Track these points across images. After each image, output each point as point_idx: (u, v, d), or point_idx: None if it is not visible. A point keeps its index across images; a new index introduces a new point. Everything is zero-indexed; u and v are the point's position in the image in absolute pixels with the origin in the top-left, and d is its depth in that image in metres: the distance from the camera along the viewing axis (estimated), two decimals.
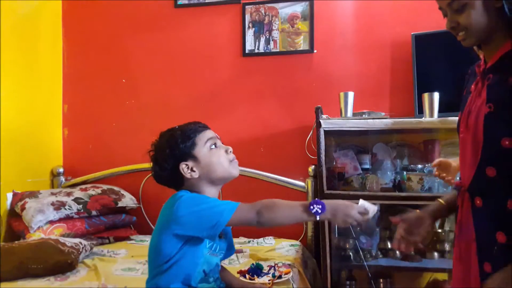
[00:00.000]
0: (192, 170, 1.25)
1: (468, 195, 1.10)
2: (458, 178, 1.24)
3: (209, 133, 1.29)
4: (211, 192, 1.29)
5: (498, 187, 1.02)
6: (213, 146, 1.28)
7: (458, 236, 1.16)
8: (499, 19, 1.05)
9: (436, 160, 1.49)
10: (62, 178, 2.74)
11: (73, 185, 2.69)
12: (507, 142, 0.99)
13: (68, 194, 2.39)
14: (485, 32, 1.07)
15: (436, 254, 2.18)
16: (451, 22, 1.10)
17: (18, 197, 2.34)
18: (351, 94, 2.21)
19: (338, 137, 2.35)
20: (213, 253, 1.28)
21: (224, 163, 1.27)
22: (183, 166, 1.24)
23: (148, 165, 2.73)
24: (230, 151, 1.30)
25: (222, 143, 1.32)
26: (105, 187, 2.57)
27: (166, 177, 1.28)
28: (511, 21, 1.03)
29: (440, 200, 1.28)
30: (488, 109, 1.02)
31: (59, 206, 2.26)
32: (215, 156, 1.26)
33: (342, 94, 2.22)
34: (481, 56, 1.54)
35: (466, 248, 1.11)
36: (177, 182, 1.28)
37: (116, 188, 2.59)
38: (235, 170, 1.30)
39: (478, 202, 1.07)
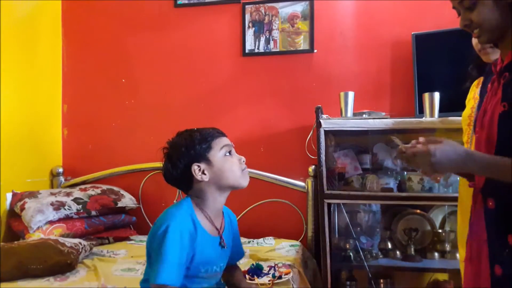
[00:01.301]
0: (203, 172, 1.25)
1: (481, 196, 1.09)
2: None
3: (225, 140, 1.30)
4: (218, 198, 1.29)
5: (511, 189, 1.00)
6: (228, 154, 1.29)
7: (469, 236, 1.15)
8: None
9: None
10: (62, 178, 2.74)
11: (73, 185, 2.68)
12: None
13: (68, 194, 2.39)
14: (499, 29, 1.05)
15: (436, 254, 2.18)
16: (464, 20, 1.09)
17: (17, 197, 2.34)
18: (351, 94, 2.21)
19: (338, 137, 2.35)
20: (211, 274, 1.27)
21: (236, 172, 1.27)
22: (195, 167, 1.24)
23: (147, 165, 2.75)
24: (243, 161, 1.31)
25: (236, 152, 1.33)
26: (104, 187, 2.56)
27: (176, 176, 1.27)
28: None
29: None
30: (502, 108, 1.01)
31: (58, 206, 2.25)
32: (228, 163, 1.27)
33: (342, 94, 2.21)
34: (483, 57, 1.54)
35: (477, 249, 1.09)
36: (186, 183, 1.28)
37: (115, 188, 2.58)
38: (245, 180, 1.30)
39: (490, 203, 1.05)
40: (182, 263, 1.17)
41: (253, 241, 2.36)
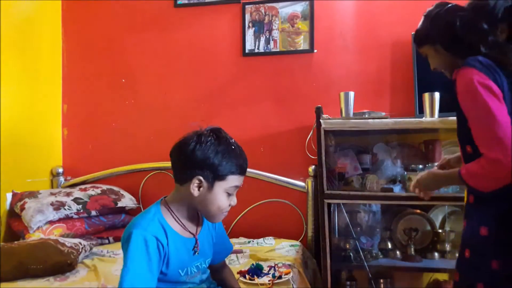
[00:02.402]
0: (198, 188, 1.18)
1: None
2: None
3: (240, 181, 1.22)
4: (192, 211, 1.25)
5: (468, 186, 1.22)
6: (230, 194, 1.21)
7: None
8: (454, 56, 1.28)
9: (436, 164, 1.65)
10: (62, 178, 2.74)
11: (73, 185, 2.68)
12: (468, 149, 1.20)
13: (68, 194, 2.39)
14: (452, 68, 1.28)
15: (436, 254, 2.18)
16: (431, 66, 1.39)
17: (17, 197, 2.34)
18: (351, 94, 2.21)
19: (338, 137, 2.35)
20: (192, 276, 1.25)
21: (216, 211, 1.20)
22: (196, 180, 1.17)
23: (147, 165, 2.75)
24: (229, 207, 1.23)
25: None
26: (104, 187, 2.56)
27: (181, 163, 1.20)
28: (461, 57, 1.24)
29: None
30: (458, 122, 1.26)
31: (58, 206, 2.25)
32: (220, 201, 1.19)
33: (342, 94, 2.21)
34: None
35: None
36: (181, 176, 1.20)
37: (115, 188, 2.58)
38: (213, 220, 1.26)
39: (470, 198, 1.27)
40: (152, 269, 1.12)
41: (253, 241, 2.36)
